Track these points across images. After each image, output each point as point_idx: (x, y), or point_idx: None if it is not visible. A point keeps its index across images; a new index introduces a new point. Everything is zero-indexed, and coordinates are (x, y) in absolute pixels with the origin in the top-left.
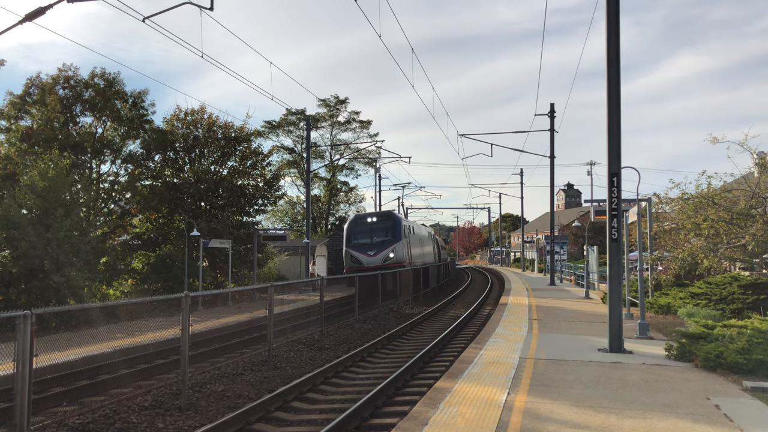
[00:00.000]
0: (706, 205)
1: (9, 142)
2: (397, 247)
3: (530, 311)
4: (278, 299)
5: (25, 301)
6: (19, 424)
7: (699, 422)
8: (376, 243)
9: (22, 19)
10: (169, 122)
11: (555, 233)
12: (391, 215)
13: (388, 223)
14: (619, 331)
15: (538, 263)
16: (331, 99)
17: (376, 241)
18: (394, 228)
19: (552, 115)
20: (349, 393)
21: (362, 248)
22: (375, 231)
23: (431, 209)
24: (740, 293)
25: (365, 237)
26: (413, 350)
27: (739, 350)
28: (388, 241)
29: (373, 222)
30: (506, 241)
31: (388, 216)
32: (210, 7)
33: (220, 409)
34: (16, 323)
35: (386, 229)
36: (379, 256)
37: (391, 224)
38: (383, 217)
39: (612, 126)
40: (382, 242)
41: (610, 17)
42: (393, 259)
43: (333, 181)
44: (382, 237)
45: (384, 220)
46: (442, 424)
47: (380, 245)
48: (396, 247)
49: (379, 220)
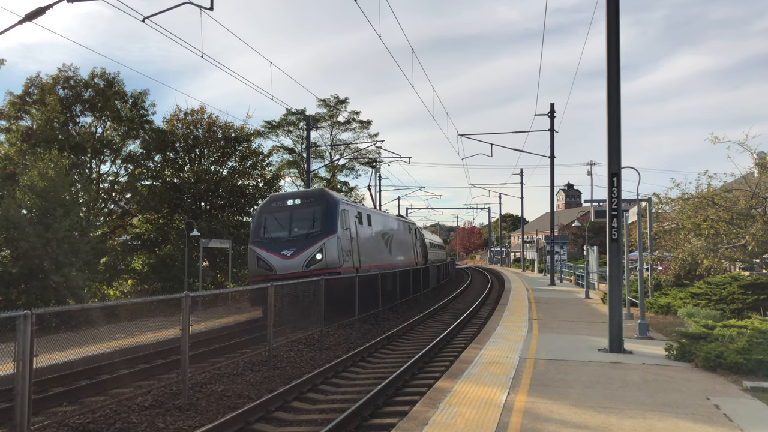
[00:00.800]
0: (706, 205)
1: (9, 142)
2: (328, 244)
3: (530, 311)
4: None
5: (25, 302)
6: (20, 425)
7: (699, 422)
8: (297, 237)
9: (21, 19)
10: (169, 122)
11: (555, 233)
12: (322, 195)
13: (317, 208)
14: (619, 331)
15: (538, 263)
16: (331, 99)
17: (297, 235)
18: (326, 214)
19: (552, 115)
20: (350, 393)
21: (275, 246)
22: (297, 220)
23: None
24: (740, 293)
25: (281, 228)
26: (413, 350)
27: (739, 350)
28: (315, 235)
29: (295, 206)
30: (506, 241)
31: (318, 197)
32: (210, 7)
33: (221, 409)
34: (16, 323)
35: (313, 217)
36: (300, 258)
37: (321, 209)
38: (310, 198)
39: (612, 126)
40: (307, 236)
41: (610, 17)
42: (321, 262)
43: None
44: (307, 228)
45: (311, 202)
46: (442, 424)
47: (303, 241)
48: (327, 243)
49: (303, 203)
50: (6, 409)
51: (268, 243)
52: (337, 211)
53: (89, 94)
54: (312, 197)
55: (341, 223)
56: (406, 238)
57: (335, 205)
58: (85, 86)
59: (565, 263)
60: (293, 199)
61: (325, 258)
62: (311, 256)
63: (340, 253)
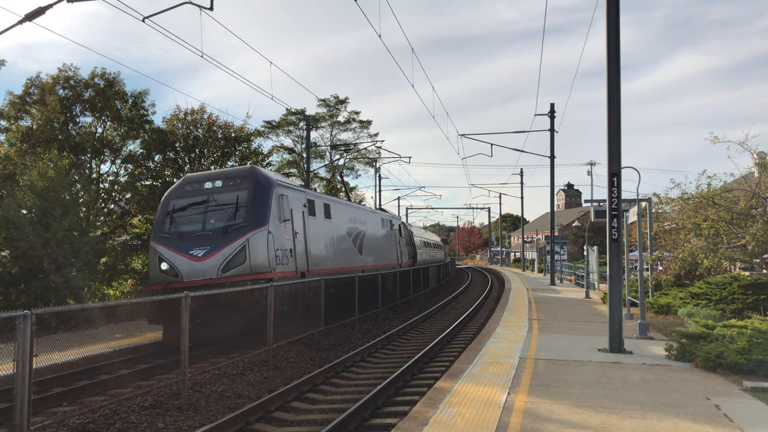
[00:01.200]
0: (706, 205)
1: (9, 142)
2: (254, 241)
3: (530, 311)
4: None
5: (24, 302)
6: (20, 425)
7: (699, 422)
8: (213, 232)
9: (21, 19)
10: (169, 122)
11: (555, 233)
12: (251, 175)
13: (243, 192)
14: (619, 331)
15: (538, 263)
16: (331, 99)
17: (214, 228)
18: (254, 201)
19: (552, 115)
20: (350, 393)
21: (183, 243)
22: (214, 208)
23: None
24: (740, 293)
25: (193, 220)
26: (413, 350)
27: (739, 350)
28: (237, 228)
29: (214, 189)
30: (506, 241)
31: (245, 177)
32: (210, 7)
33: (220, 409)
34: (16, 323)
35: (236, 204)
36: (214, 260)
37: (247, 194)
38: (235, 179)
39: (612, 126)
40: (226, 230)
41: (610, 16)
42: (243, 265)
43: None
44: (227, 220)
45: (235, 185)
46: (442, 424)
47: (220, 236)
48: (253, 239)
49: (225, 186)
50: (6, 409)
51: (175, 239)
52: (270, 195)
53: (89, 94)
54: (237, 178)
55: (277, 213)
56: (385, 235)
57: (267, 187)
58: (85, 86)
59: (565, 263)
60: (212, 180)
61: (249, 259)
62: (229, 257)
63: (273, 253)
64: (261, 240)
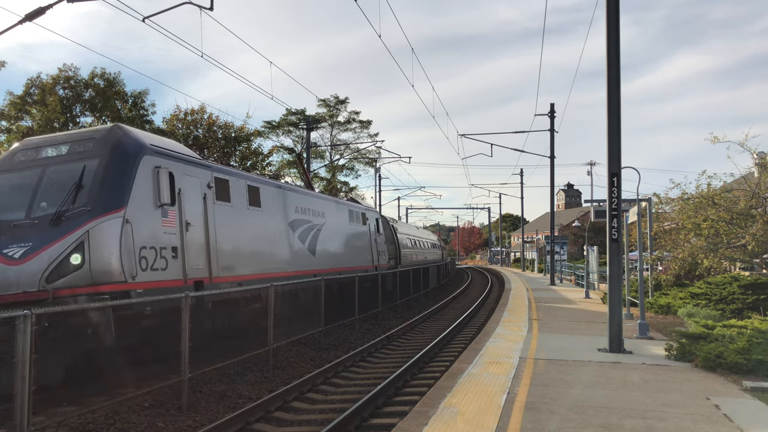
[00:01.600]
0: (706, 205)
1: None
2: (97, 234)
3: (530, 311)
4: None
5: None
6: (19, 425)
7: (699, 422)
8: (38, 221)
9: (21, 19)
10: (169, 122)
11: (555, 233)
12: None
13: (90, 162)
14: (619, 331)
15: (538, 263)
16: (331, 99)
17: (42, 216)
18: (105, 174)
19: (552, 115)
20: (350, 393)
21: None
22: (49, 186)
23: (431, 209)
24: (740, 293)
25: (14, 205)
26: (413, 350)
27: (739, 350)
28: (72, 216)
29: (56, 158)
30: (506, 241)
31: (99, 140)
32: (210, 7)
33: (221, 409)
34: (16, 323)
35: (79, 180)
36: (35, 263)
37: (97, 164)
38: (85, 143)
39: (612, 126)
40: (56, 219)
41: (610, 16)
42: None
43: (333, 182)
44: (59, 205)
45: (84, 152)
46: (442, 424)
47: (47, 228)
48: (95, 232)
49: (71, 154)
50: (6, 409)
51: None
52: (135, 166)
53: (89, 94)
54: (90, 141)
55: (146, 193)
56: (354, 232)
57: (132, 154)
58: (85, 86)
59: (565, 263)
60: (56, 146)
61: (89, 262)
62: (58, 260)
63: (133, 253)
64: (110, 232)
